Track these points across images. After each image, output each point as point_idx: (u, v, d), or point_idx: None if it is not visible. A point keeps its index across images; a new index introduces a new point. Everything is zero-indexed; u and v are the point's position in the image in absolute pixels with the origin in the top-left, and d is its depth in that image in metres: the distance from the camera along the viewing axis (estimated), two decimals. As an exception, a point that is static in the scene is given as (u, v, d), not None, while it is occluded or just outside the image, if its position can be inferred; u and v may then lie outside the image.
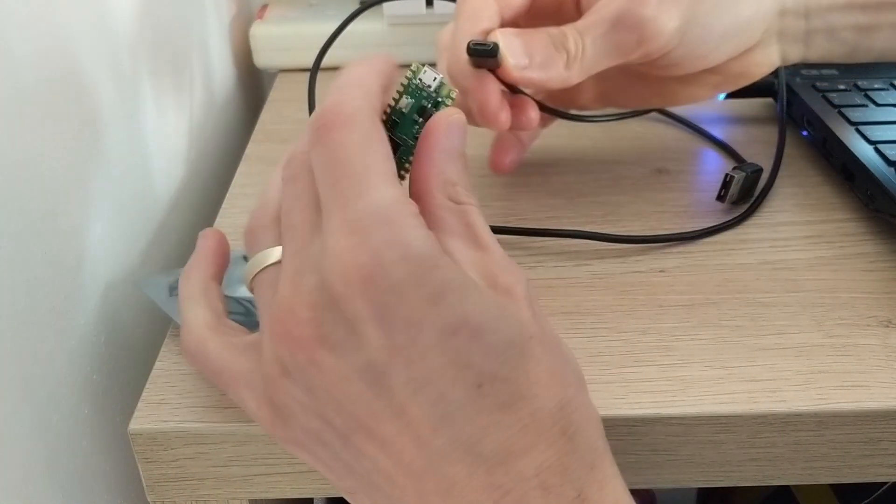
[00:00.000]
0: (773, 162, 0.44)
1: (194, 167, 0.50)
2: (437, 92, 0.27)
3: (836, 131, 0.43)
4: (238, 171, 0.47)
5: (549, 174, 0.45)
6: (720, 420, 0.30)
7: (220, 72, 0.57)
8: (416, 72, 0.27)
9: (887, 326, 0.34)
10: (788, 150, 0.47)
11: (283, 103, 0.55)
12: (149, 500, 0.32)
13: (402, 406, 0.23)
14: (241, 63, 0.61)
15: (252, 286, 0.27)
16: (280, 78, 0.59)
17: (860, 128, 0.43)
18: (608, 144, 0.48)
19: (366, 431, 0.23)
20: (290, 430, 0.25)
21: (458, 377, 0.23)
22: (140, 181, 0.41)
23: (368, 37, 0.56)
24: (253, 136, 0.51)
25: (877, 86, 0.47)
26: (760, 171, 0.42)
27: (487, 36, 0.35)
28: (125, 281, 0.39)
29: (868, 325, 0.34)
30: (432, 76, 0.27)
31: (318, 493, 0.32)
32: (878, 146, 0.41)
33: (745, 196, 0.42)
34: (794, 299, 0.35)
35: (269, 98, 0.56)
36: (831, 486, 0.57)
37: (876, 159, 0.40)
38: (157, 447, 0.31)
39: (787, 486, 0.59)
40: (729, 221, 0.40)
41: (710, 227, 0.40)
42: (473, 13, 0.35)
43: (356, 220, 0.23)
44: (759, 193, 0.42)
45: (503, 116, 0.35)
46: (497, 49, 0.33)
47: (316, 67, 0.48)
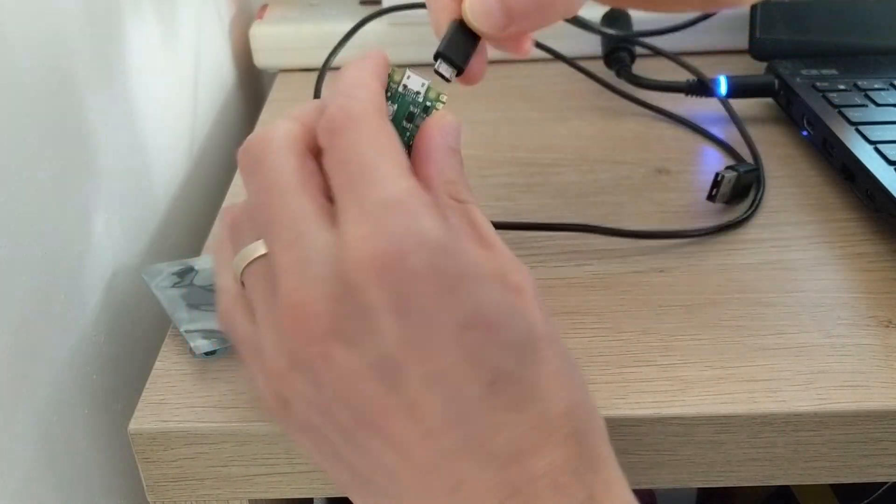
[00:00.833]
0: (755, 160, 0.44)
1: (194, 167, 0.50)
2: (425, 97, 0.27)
3: (836, 131, 0.43)
4: (238, 171, 0.47)
5: (549, 174, 0.45)
6: (720, 420, 0.30)
7: (220, 72, 0.57)
8: (399, 79, 0.27)
9: (887, 326, 0.34)
10: (788, 150, 0.47)
11: (283, 103, 0.55)
12: (149, 500, 0.32)
13: (415, 402, 0.22)
14: (241, 63, 0.61)
15: (242, 279, 0.26)
16: (280, 78, 0.59)
17: (860, 128, 0.43)
18: (608, 144, 0.48)
19: (373, 428, 0.23)
20: (292, 419, 0.25)
21: (473, 374, 0.22)
22: (140, 182, 0.42)
23: (369, 37, 0.56)
24: (253, 136, 0.51)
25: (877, 86, 0.47)
26: (755, 170, 0.42)
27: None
28: (125, 281, 0.39)
29: (868, 325, 0.34)
30: (419, 82, 0.27)
31: (318, 493, 0.32)
32: (878, 146, 0.41)
33: (739, 196, 0.42)
34: (794, 299, 0.35)
35: (269, 98, 0.56)
36: (831, 486, 0.57)
37: (876, 159, 0.40)
38: (157, 447, 0.31)
39: (787, 486, 0.59)
40: (732, 221, 0.40)
41: (717, 226, 0.40)
42: None
43: (373, 211, 0.23)
44: (757, 195, 0.42)
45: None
46: (461, 68, 0.30)
47: (324, 70, 0.48)
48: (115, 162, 0.38)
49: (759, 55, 0.53)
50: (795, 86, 0.48)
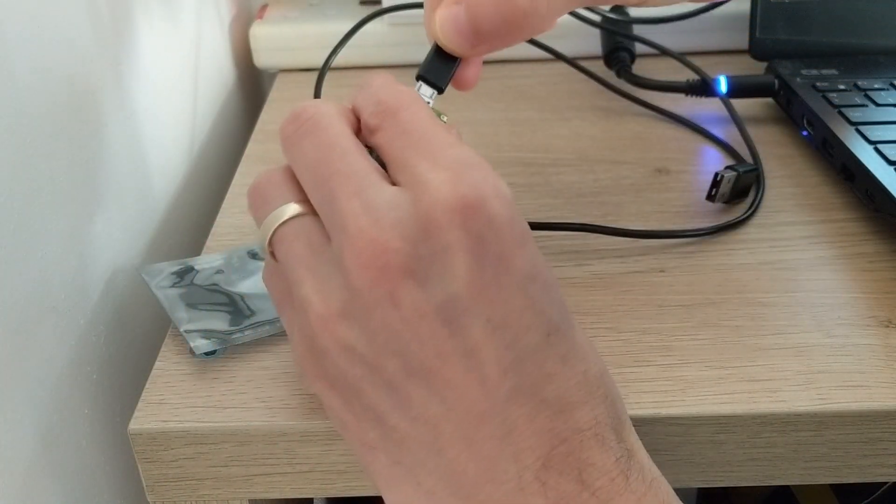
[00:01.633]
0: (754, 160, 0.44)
1: (194, 167, 0.50)
2: None
3: (836, 131, 0.43)
4: (238, 170, 0.47)
5: (549, 174, 0.45)
6: (720, 420, 0.30)
7: (220, 72, 0.57)
8: None
9: (887, 326, 0.34)
10: (788, 150, 0.47)
11: (283, 103, 0.55)
12: (149, 500, 0.32)
13: (476, 346, 0.23)
14: (241, 63, 0.61)
15: (273, 240, 0.26)
16: (280, 78, 0.59)
17: (860, 128, 0.43)
18: (608, 144, 0.48)
19: (424, 374, 0.23)
20: (322, 370, 0.24)
21: (535, 322, 0.23)
22: (140, 181, 0.42)
23: (369, 37, 0.56)
24: (253, 136, 0.51)
25: (877, 86, 0.47)
26: (755, 170, 0.42)
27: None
28: (125, 281, 0.39)
29: (868, 325, 0.34)
30: (428, 92, 0.29)
31: (318, 493, 0.32)
32: (878, 146, 0.41)
33: (738, 196, 0.42)
34: (794, 299, 0.35)
35: (269, 98, 0.56)
36: (831, 486, 0.57)
37: (876, 159, 0.40)
38: (157, 447, 0.31)
39: (787, 486, 0.59)
40: (732, 221, 0.40)
41: (717, 226, 0.40)
42: None
43: (448, 164, 0.23)
44: (757, 195, 0.42)
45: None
46: (440, 88, 0.30)
47: (324, 70, 0.48)
48: (115, 162, 0.38)
49: (759, 55, 0.53)
50: (795, 86, 0.48)
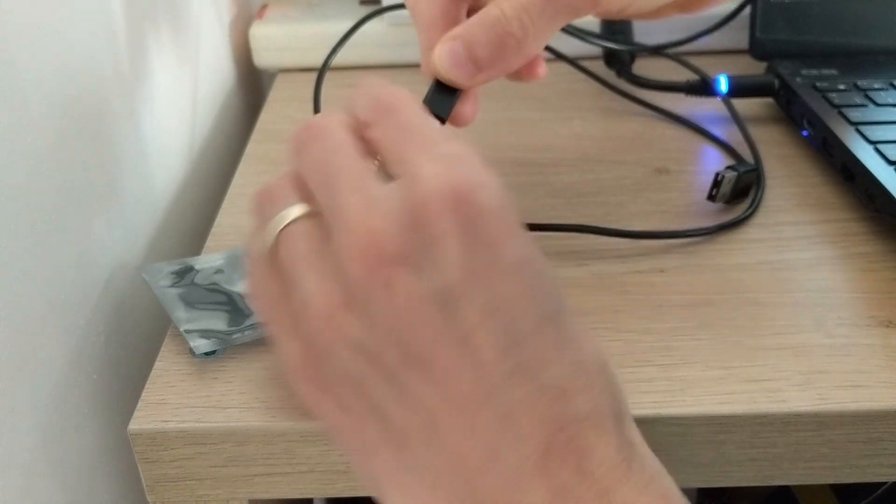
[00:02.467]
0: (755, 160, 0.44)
1: (194, 167, 0.50)
2: None
3: (836, 131, 0.43)
4: (238, 170, 0.47)
5: (549, 174, 0.45)
6: (720, 420, 0.30)
7: (220, 72, 0.57)
8: None
9: (887, 326, 0.34)
10: (788, 150, 0.47)
11: (283, 103, 0.55)
12: (149, 500, 0.32)
13: (471, 331, 0.23)
14: (241, 63, 0.61)
15: (279, 240, 0.26)
16: (280, 78, 0.59)
17: (860, 128, 0.43)
18: (608, 144, 0.48)
19: (421, 362, 0.23)
20: (321, 372, 0.25)
21: (529, 306, 0.23)
22: (140, 181, 0.42)
23: (369, 37, 0.56)
24: (253, 136, 0.51)
25: (877, 86, 0.47)
26: (755, 170, 0.42)
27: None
28: (125, 281, 0.39)
29: (868, 325, 0.34)
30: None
31: (318, 493, 0.32)
32: (878, 146, 0.41)
33: (739, 196, 0.42)
34: (794, 299, 0.35)
35: (269, 98, 0.56)
36: (831, 486, 0.57)
37: (876, 159, 0.40)
38: (157, 447, 0.31)
39: (787, 486, 0.59)
40: (731, 221, 0.40)
41: (717, 226, 0.40)
42: (425, 25, 0.35)
43: (441, 158, 0.24)
44: (756, 194, 0.42)
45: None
46: (443, 118, 0.33)
47: (324, 70, 0.48)
48: (114, 162, 0.38)
49: (759, 55, 0.53)
50: (795, 86, 0.48)
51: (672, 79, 0.50)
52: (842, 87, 0.47)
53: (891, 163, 0.40)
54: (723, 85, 0.49)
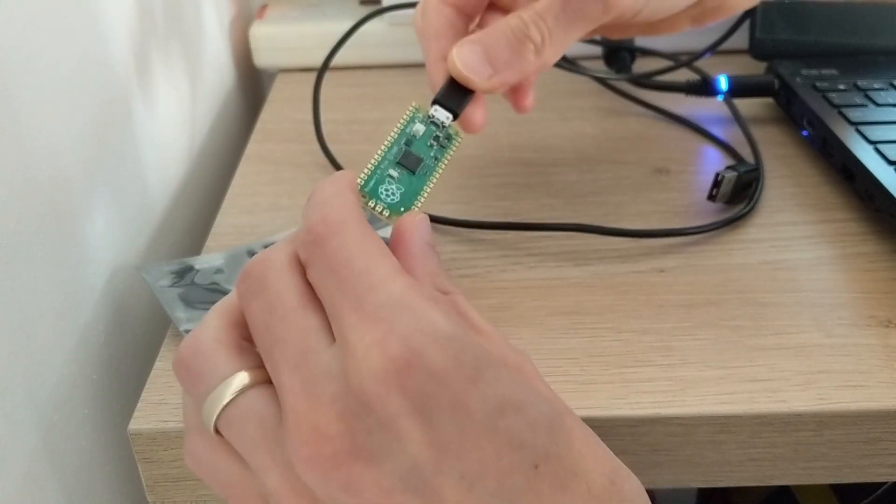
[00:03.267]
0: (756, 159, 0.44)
1: (194, 167, 0.50)
2: (449, 127, 0.31)
3: (836, 131, 0.43)
4: (238, 170, 0.47)
5: (549, 174, 0.45)
6: (720, 420, 0.30)
7: (220, 72, 0.57)
8: (418, 109, 0.31)
9: (887, 326, 0.34)
10: (788, 150, 0.47)
11: (283, 103, 0.55)
12: (149, 500, 0.32)
13: None
14: (241, 63, 0.61)
15: (219, 426, 0.23)
16: (280, 78, 0.59)
17: (860, 128, 0.43)
18: (608, 144, 0.48)
19: None
20: None
21: (515, 461, 0.21)
22: (140, 181, 0.42)
23: (369, 37, 0.56)
24: (253, 136, 0.51)
25: (877, 86, 0.47)
26: (756, 170, 0.42)
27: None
28: (125, 281, 0.39)
29: (868, 325, 0.34)
30: (444, 115, 0.31)
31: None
32: (878, 146, 0.41)
33: (739, 196, 0.42)
34: (794, 299, 0.35)
35: (269, 98, 0.56)
36: (831, 486, 0.57)
37: (876, 159, 0.40)
38: (157, 447, 0.31)
39: (787, 486, 0.59)
40: (728, 219, 0.40)
41: (713, 224, 0.40)
42: (433, 35, 0.35)
43: (375, 313, 0.22)
44: (754, 193, 0.42)
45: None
46: (456, 112, 0.32)
47: (324, 69, 0.48)
48: (114, 161, 0.38)
49: (759, 55, 0.53)
50: (795, 86, 0.48)
51: (672, 79, 0.50)
52: (842, 87, 0.47)
53: (891, 163, 0.40)
54: (723, 85, 0.49)
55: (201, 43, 0.53)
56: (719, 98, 0.50)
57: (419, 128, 0.30)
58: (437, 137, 0.31)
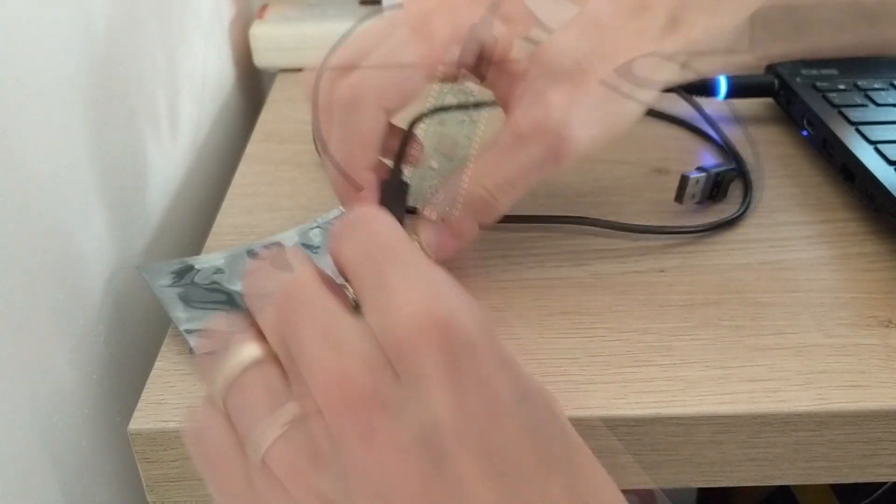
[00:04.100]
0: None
1: (194, 167, 0.50)
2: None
3: (836, 131, 0.43)
4: (238, 171, 0.47)
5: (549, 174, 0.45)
6: (720, 420, 0.30)
7: (220, 72, 0.57)
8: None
9: (887, 326, 0.34)
10: (788, 150, 0.47)
11: (283, 103, 0.55)
12: (149, 500, 0.32)
13: (465, 483, 0.20)
14: (241, 63, 0.61)
15: (229, 388, 0.23)
16: (280, 78, 0.59)
17: (860, 128, 0.43)
18: (608, 144, 0.48)
19: None
20: None
21: (532, 452, 0.21)
22: (140, 182, 0.42)
23: (368, 37, 0.56)
24: (253, 136, 0.51)
25: (877, 86, 0.47)
26: (734, 170, 0.42)
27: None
28: (125, 281, 0.39)
29: (868, 325, 0.34)
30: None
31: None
32: (878, 146, 0.41)
33: (715, 197, 0.41)
34: (794, 299, 0.35)
35: (269, 98, 0.56)
36: (831, 486, 0.57)
37: (876, 159, 0.40)
38: (157, 447, 0.31)
39: (787, 486, 0.59)
40: (721, 221, 0.40)
41: (707, 225, 0.40)
42: (367, 143, 0.34)
43: (420, 280, 0.22)
44: (747, 195, 0.42)
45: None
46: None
47: (322, 68, 0.48)
48: (114, 161, 0.38)
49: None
50: (795, 86, 0.48)
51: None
52: (842, 87, 0.47)
53: (891, 163, 0.40)
54: (722, 85, 0.49)
55: (201, 43, 0.53)
56: (719, 98, 0.50)
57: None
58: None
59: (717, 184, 0.41)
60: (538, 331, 0.34)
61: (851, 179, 0.41)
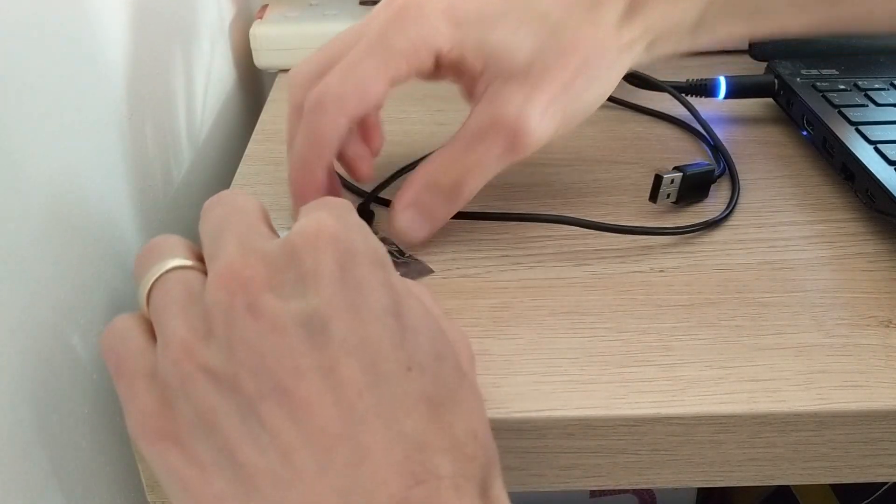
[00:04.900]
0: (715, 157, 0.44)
1: (194, 167, 0.50)
2: None
3: (836, 131, 0.43)
4: (238, 171, 0.47)
5: (549, 174, 0.45)
6: (720, 420, 0.30)
7: (220, 72, 0.57)
8: None
9: (887, 326, 0.34)
10: (788, 150, 0.47)
11: (283, 103, 0.54)
12: (149, 500, 0.32)
13: (334, 363, 0.23)
14: (241, 63, 0.61)
15: (153, 287, 0.26)
16: (280, 78, 0.59)
17: (860, 128, 0.43)
18: (608, 144, 0.48)
19: (280, 393, 0.22)
20: (172, 418, 0.24)
21: (392, 354, 0.23)
22: (140, 181, 0.42)
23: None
24: (253, 136, 0.51)
25: (877, 86, 0.47)
26: (711, 170, 0.42)
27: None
28: (125, 281, 0.39)
29: (868, 325, 0.34)
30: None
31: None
32: (878, 146, 0.41)
33: (692, 197, 0.41)
34: (794, 299, 0.35)
35: (269, 98, 0.56)
36: (831, 486, 0.57)
37: (876, 159, 0.40)
38: (156, 447, 0.31)
39: (787, 486, 0.59)
40: (707, 222, 0.40)
41: (688, 227, 0.40)
42: (328, 146, 0.36)
43: (326, 208, 0.26)
44: (733, 194, 0.42)
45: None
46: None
47: (301, 69, 0.48)
48: (114, 162, 0.38)
49: (758, 55, 0.53)
50: (795, 86, 0.48)
51: (671, 79, 0.50)
52: (842, 87, 0.47)
53: (891, 163, 0.40)
54: (722, 86, 0.49)
55: (201, 43, 0.53)
56: (718, 98, 0.50)
57: None
58: None
59: (696, 184, 0.41)
60: (538, 331, 0.34)
61: (851, 179, 0.41)
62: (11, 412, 0.29)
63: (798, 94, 0.47)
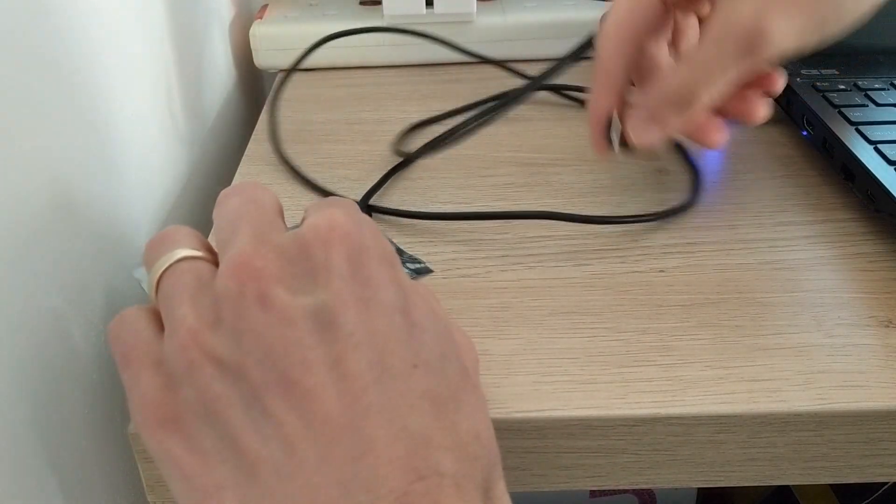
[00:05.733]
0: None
1: (194, 167, 0.50)
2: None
3: (836, 131, 0.43)
4: (238, 171, 0.47)
5: (549, 174, 0.45)
6: (720, 420, 0.30)
7: (220, 72, 0.57)
8: None
9: (887, 326, 0.34)
10: (788, 150, 0.47)
11: (283, 103, 0.55)
12: (149, 500, 0.32)
13: (341, 356, 0.23)
14: (241, 63, 0.61)
15: (164, 275, 0.26)
16: (280, 78, 0.59)
17: (860, 128, 0.43)
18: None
19: (286, 384, 0.22)
20: (177, 404, 0.23)
21: (400, 350, 0.24)
22: (139, 181, 0.42)
23: (367, 37, 0.56)
24: (253, 136, 0.51)
25: (877, 86, 0.47)
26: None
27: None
28: (125, 281, 0.39)
29: (868, 325, 0.34)
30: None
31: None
32: (878, 146, 0.41)
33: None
34: (794, 299, 0.35)
35: (268, 98, 0.56)
36: (831, 486, 0.57)
37: (876, 159, 0.40)
38: (156, 447, 0.31)
39: (787, 486, 0.59)
40: (676, 207, 0.40)
41: (663, 211, 0.40)
42: (605, 81, 0.37)
43: (336, 206, 0.26)
44: (695, 189, 0.42)
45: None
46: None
47: (303, 61, 0.48)
48: (114, 162, 0.38)
49: (759, 55, 0.53)
50: (795, 86, 0.48)
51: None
52: (842, 87, 0.47)
53: (891, 163, 0.40)
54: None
55: (201, 43, 0.53)
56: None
57: None
58: None
59: None
60: (538, 331, 0.34)
61: (851, 179, 0.41)
62: (11, 412, 0.29)
63: (798, 94, 0.47)
